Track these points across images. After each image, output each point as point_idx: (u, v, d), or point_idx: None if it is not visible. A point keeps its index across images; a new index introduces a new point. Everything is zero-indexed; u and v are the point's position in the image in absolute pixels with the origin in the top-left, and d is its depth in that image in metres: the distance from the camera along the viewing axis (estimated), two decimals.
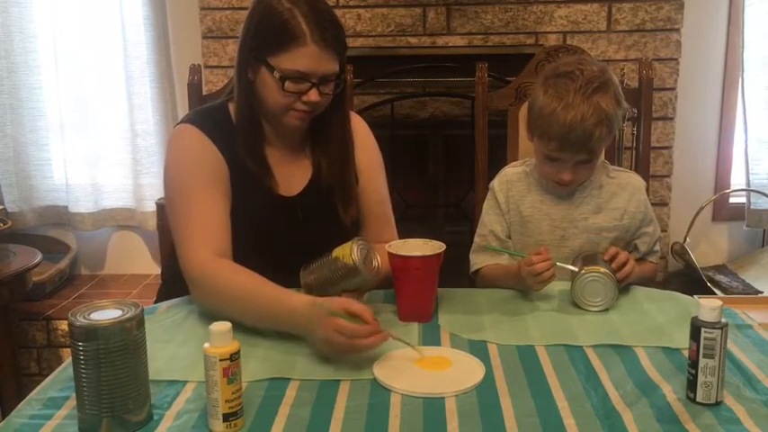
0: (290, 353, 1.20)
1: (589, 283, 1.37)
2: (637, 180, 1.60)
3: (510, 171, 1.62)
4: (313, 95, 1.40)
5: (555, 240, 1.54)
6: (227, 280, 1.32)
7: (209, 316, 1.32)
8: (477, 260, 1.59)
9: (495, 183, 1.62)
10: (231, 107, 1.51)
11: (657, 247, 1.60)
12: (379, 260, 1.33)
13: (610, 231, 1.54)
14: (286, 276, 1.31)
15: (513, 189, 1.58)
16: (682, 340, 1.12)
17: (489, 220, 1.59)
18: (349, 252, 1.28)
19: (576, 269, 1.40)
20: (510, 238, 1.58)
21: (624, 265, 1.43)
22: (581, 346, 1.22)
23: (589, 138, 1.43)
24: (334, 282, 1.30)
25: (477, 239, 1.61)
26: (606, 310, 1.38)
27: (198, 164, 1.43)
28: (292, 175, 1.51)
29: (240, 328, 1.25)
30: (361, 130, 1.61)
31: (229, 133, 1.47)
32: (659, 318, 1.34)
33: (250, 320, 1.27)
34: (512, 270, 1.47)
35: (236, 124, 1.48)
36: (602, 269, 1.38)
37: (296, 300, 1.23)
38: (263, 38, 1.40)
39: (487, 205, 1.61)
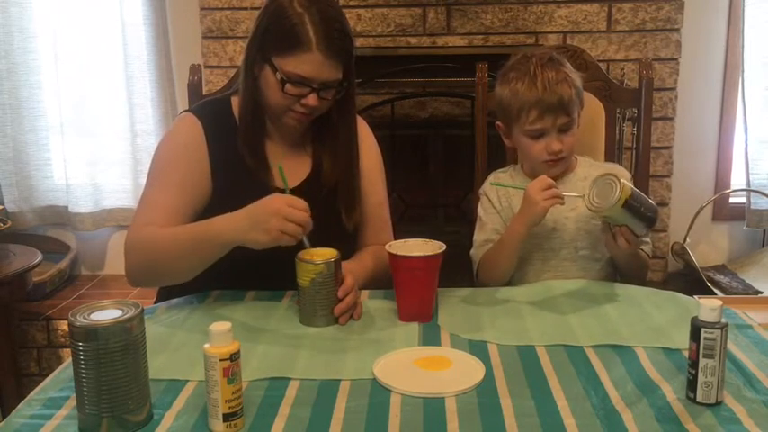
0: (290, 353, 1.20)
1: (605, 185, 1.37)
2: (621, 171, 1.63)
3: (498, 173, 1.69)
4: (312, 100, 1.42)
5: (547, 233, 1.57)
6: (149, 233, 1.41)
7: (209, 316, 1.32)
8: (478, 252, 1.61)
9: (486, 187, 1.67)
10: (234, 101, 1.55)
11: (648, 239, 1.60)
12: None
13: (598, 219, 1.54)
14: (280, 271, 1.32)
15: (502, 189, 1.63)
16: (682, 340, 1.12)
17: (488, 219, 1.63)
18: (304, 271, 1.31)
19: (580, 196, 1.43)
20: None
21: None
22: (581, 347, 1.22)
23: (561, 98, 1.51)
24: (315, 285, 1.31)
25: (476, 237, 1.63)
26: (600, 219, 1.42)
27: (179, 155, 1.49)
28: (290, 169, 1.52)
29: (240, 327, 1.26)
30: (364, 134, 1.63)
31: (228, 127, 1.52)
32: (659, 318, 1.34)
33: (177, 254, 1.36)
34: (510, 226, 1.52)
35: (238, 117, 1.52)
36: (628, 184, 1.35)
37: (216, 218, 1.34)
38: (271, 38, 1.43)
39: (482, 207, 1.66)
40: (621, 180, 1.36)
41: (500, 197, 1.62)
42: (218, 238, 1.32)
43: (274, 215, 1.25)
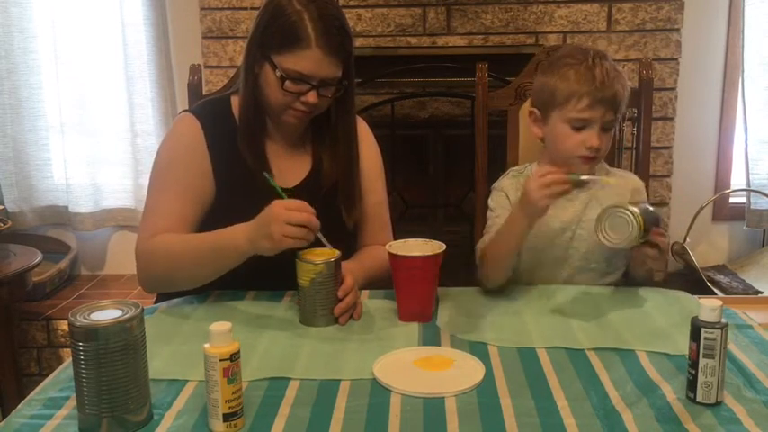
0: (290, 353, 1.20)
1: (617, 218, 1.31)
2: (636, 181, 1.61)
3: (513, 171, 1.61)
4: (311, 97, 1.43)
5: (564, 242, 1.53)
6: (163, 241, 1.42)
7: (209, 316, 1.32)
8: (481, 245, 1.54)
9: (504, 182, 1.59)
10: (234, 101, 1.55)
11: None
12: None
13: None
14: (281, 270, 1.33)
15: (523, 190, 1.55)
16: (684, 346, 1.10)
17: (500, 214, 1.54)
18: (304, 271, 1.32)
19: (591, 179, 1.41)
20: None
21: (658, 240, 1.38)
22: (582, 350, 1.21)
23: (616, 94, 1.46)
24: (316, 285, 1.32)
25: (486, 229, 1.57)
26: (617, 250, 1.36)
27: (180, 158, 1.49)
28: (290, 169, 1.53)
29: (240, 327, 1.26)
30: (363, 134, 1.63)
31: (228, 126, 1.52)
32: (662, 321, 1.34)
33: (196, 263, 1.37)
34: (510, 217, 1.43)
35: (238, 117, 1.52)
36: (637, 210, 1.31)
37: (234, 227, 1.33)
38: (271, 36, 1.43)
39: (495, 202, 1.58)
40: (630, 208, 1.31)
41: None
42: (235, 249, 1.33)
43: (274, 221, 1.26)
